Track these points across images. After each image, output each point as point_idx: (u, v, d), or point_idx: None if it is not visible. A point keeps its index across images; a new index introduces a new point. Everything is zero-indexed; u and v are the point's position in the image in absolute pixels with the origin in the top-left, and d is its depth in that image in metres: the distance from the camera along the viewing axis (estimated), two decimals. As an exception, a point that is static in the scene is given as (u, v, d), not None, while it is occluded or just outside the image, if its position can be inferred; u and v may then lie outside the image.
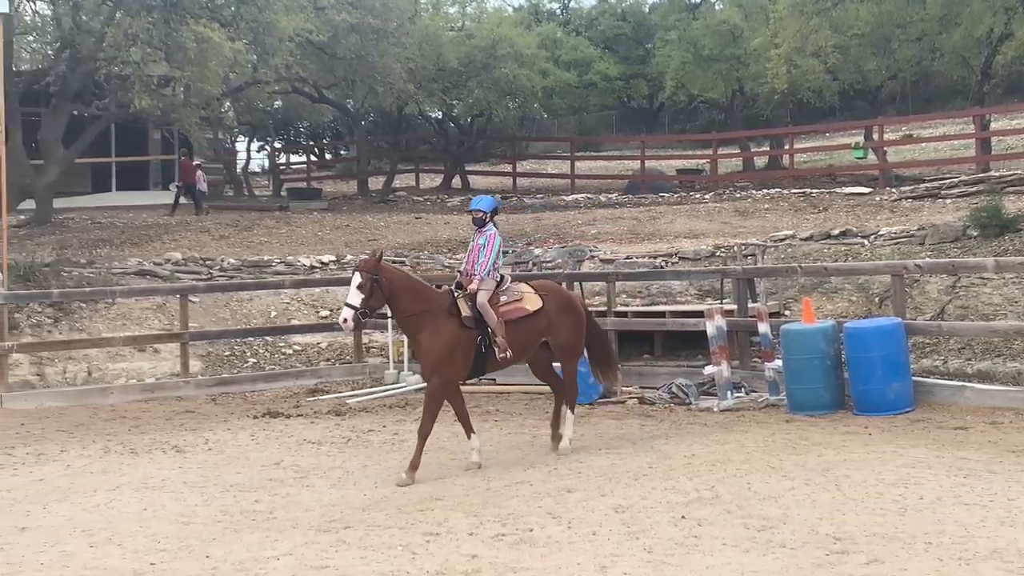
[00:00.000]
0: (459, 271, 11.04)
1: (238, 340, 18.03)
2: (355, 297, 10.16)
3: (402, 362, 16.38)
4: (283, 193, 37.50)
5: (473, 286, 10.54)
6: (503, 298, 10.70)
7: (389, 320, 16.47)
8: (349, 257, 22.63)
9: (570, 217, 26.63)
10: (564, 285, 17.14)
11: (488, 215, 11.03)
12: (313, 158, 48.41)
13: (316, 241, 25.35)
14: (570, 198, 31.80)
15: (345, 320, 10.23)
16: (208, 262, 22.17)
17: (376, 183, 37.19)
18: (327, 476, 10.59)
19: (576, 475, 10.14)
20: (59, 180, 23.95)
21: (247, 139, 44.92)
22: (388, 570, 7.37)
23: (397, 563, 7.52)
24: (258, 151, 46.59)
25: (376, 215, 29.48)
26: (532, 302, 10.84)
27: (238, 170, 42.55)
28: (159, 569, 7.56)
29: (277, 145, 45.66)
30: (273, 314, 19.36)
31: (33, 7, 24.82)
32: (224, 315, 18.98)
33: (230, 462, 11.38)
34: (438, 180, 38.72)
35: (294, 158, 48.28)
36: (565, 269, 18.66)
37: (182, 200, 30.66)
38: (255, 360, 17.74)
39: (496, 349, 10.47)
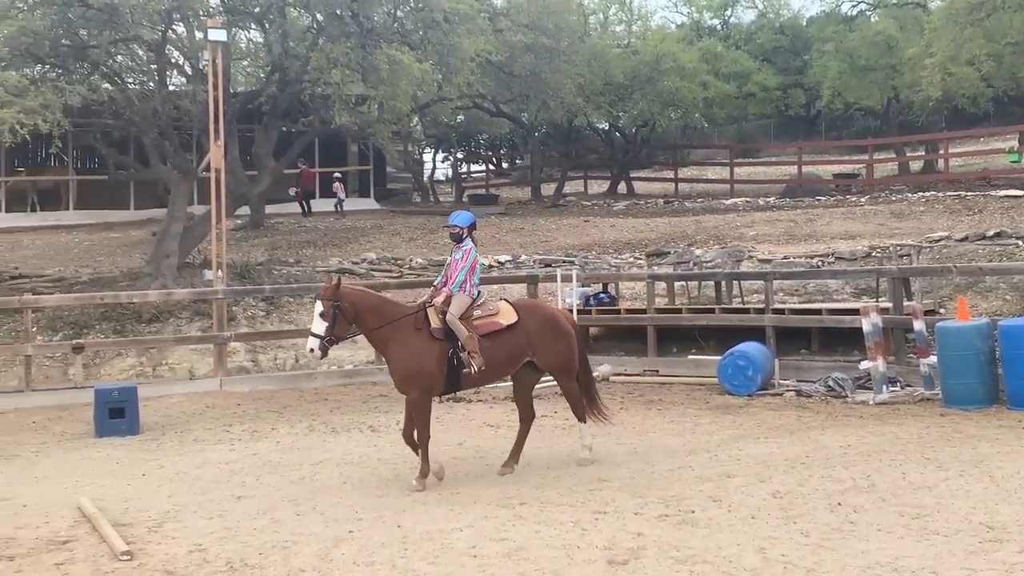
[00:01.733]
0: (435, 284, 10.17)
1: (425, 332, 18.35)
2: (319, 326, 9.46)
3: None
4: (464, 199, 38.00)
5: (439, 299, 9.74)
6: (477, 312, 9.82)
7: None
8: (523, 257, 22.83)
9: (729, 219, 26.22)
10: (723, 284, 17.05)
11: (465, 230, 10.11)
12: (491, 167, 49.00)
13: (494, 242, 25.59)
14: (729, 202, 31.31)
15: (312, 350, 9.56)
16: (399, 261, 22.69)
17: (548, 189, 37.34)
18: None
19: (736, 462, 10.01)
20: (270, 189, 24.85)
21: (433, 150, 45.77)
22: (560, 544, 7.43)
23: (568, 538, 7.58)
24: (442, 161, 47.41)
25: (548, 219, 29.60)
26: (507, 316, 9.87)
27: (425, 179, 43.43)
28: (356, 536, 7.79)
29: (459, 155, 46.29)
30: (456, 309, 19.66)
31: (247, 35, 25.80)
32: (412, 309, 19.36)
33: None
34: (605, 186, 38.65)
35: (474, 167, 48.88)
36: (724, 268, 18.38)
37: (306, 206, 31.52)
38: (440, 350, 18.05)
39: (469, 363, 9.53)
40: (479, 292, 10.04)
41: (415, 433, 9.66)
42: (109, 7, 17.98)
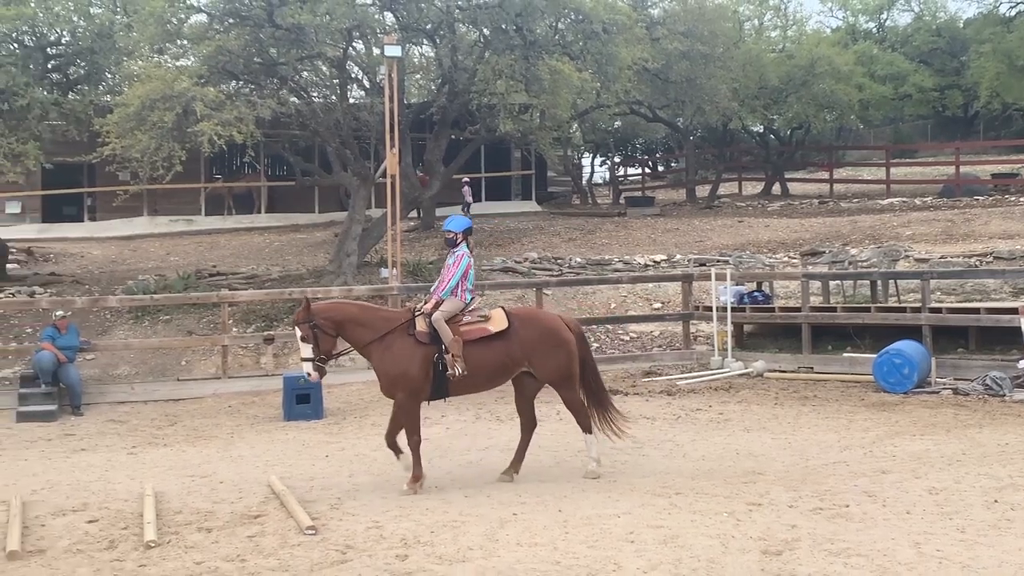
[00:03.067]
0: (432, 290, 9.71)
1: (583, 327, 18.29)
2: (305, 350, 9.10)
3: (726, 349, 16.15)
4: (621, 201, 37.85)
5: (428, 306, 9.28)
6: (466, 318, 9.29)
7: (714, 311, 16.44)
8: (679, 256, 22.58)
9: (885, 219, 25.33)
10: (879, 284, 16.48)
11: (460, 235, 9.61)
12: (647, 170, 48.65)
13: (649, 243, 25.42)
14: (885, 202, 30.23)
15: (309, 375, 9.24)
16: (559, 260, 22.76)
17: (703, 191, 36.85)
18: (660, 448, 10.64)
19: (891, 458, 9.69)
20: (440, 193, 25.30)
21: (591, 155, 45.72)
22: (715, 533, 7.34)
23: (723, 527, 7.48)
24: (600, 165, 47.32)
25: (702, 219, 29.20)
26: (497, 323, 9.27)
27: (583, 182, 43.49)
28: (520, 518, 7.86)
29: (616, 159, 46.10)
30: (613, 305, 19.61)
31: (420, 51, 26.31)
32: (572, 306, 19.41)
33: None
34: (759, 187, 37.85)
35: (631, 170, 48.60)
36: (880, 268, 17.77)
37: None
38: (597, 345, 18.01)
39: (452, 366, 9.01)
40: (472, 297, 9.48)
41: (398, 435, 9.22)
42: (296, 27, 18.56)
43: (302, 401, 13.31)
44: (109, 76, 22.06)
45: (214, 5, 19.69)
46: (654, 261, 22.34)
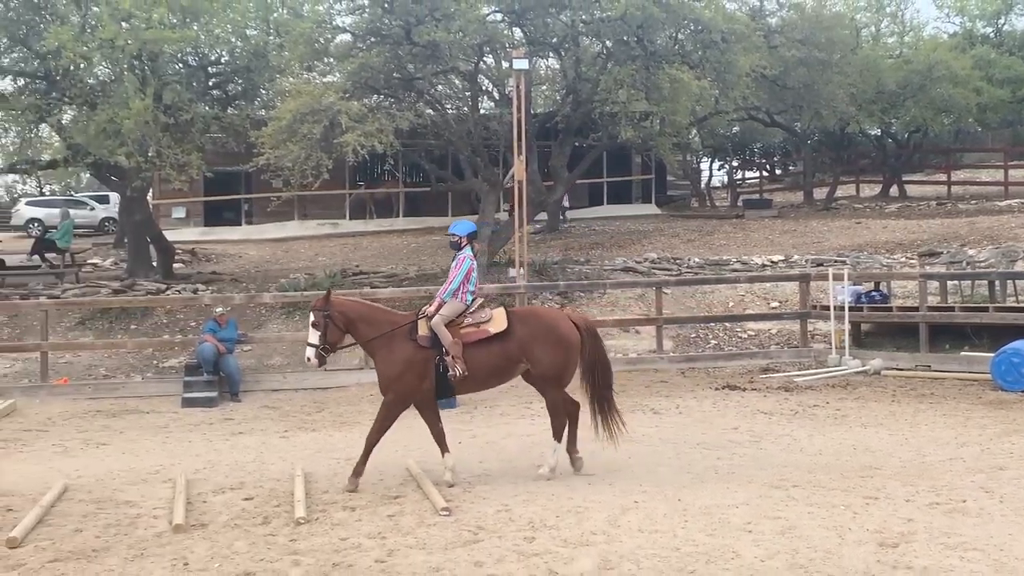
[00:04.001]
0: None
1: (702, 325, 18.06)
2: (313, 336, 9.00)
3: (844, 348, 15.71)
4: (739, 203, 37.23)
5: (431, 309, 9.05)
6: (467, 320, 8.99)
7: (832, 310, 16.00)
8: (796, 257, 22.08)
9: (1003, 220, 24.25)
10: (997, 283, 15.79)
11: (463, 239, 9.36)
12: (765, 173, 47.70)
13: (767, 243, 24.93)
14: (1003, 203, 28.92)
15: (309, 359, 9.10)
16: (677, 261, 22.51)
17: (820, 193, 35.90)
18: (777, 442, 10.43)
19: (1008, 455, 9.30)
20: (565, 197, 25.31)
21: (709, 159, 45.06)
22: (832, 525, 7.17)
23: (840, 520, 7.29)
24: (718, 169, 46.62)
25: (820, 221, 28.48)
26: (497, 325, 8.94)
27: (702, 185, 42.90)
28: (640, 506, 7.82)
29: (734, 163, 45.34)
30: (730, 304, 19.30)
31: (546, 63, 26.38)
32: (691, 304, 19.19)
33: (696, 424, 11.51)
34: (877, 189, 36.71)
35: (748, 174, 47.74)
36: (998, 268, 17.02)
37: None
38: (716, 342, 17.77)
39: (452, 367, 8.78)
40: (473, 299, 9.17)
41: (431, 434, 9.10)
42: (431, 44, 18.82)
43: (437, 391, 13.46)
44: (263, 92, 22.80)
45: (357, 25, 20.12)
46: (771, 261, 21.89)
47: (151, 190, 27.10)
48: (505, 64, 20.61)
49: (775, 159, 48.48)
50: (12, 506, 8.29)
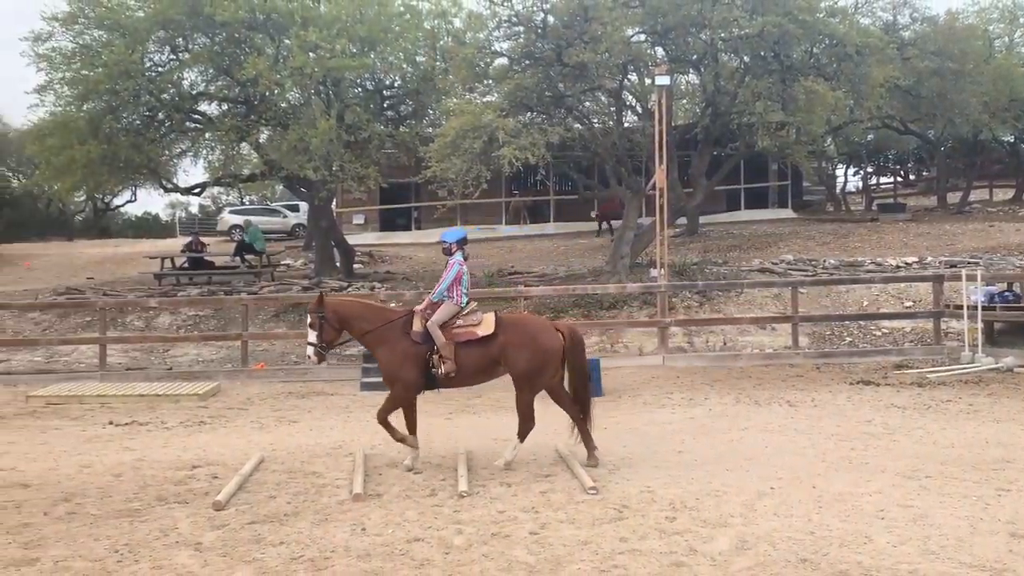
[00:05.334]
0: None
1: (836, 323, 17.48)
2: (311, 335, 8.93)
3: (977, 345, 14.87)
4: (873, 207, 35.71)
5: (420, 307, 8.97)
6: (459, 321, 8.84)
7: (965, 309, 15.17)
8: (929, 259, 21.08)
9: None
10: None
11: (453, 245, 9.15)
12: (899, 179, 45.58)
13: (900, 245, 23.85)
14: None
15: (308, 357, 9.03)
16: (813, 262, 21.82)
17: (953, 198, 34.07)
18: (910, 435, 9.97)
19: None
20: (703, 202, 24.90)
21: (844, 166, 43.43)
22: (964, 515, 6.81)
23: (971, 510, 6.92)
24: (853, 174, 44.90)
25: (953, 224, 27.03)
26: (485, 328, 8.76)
27: (837, 190, 41.35)
28: (776, 492, 7.61)
29: (869, 169, 43.49)
30: (865, 303, 18.56)
31: (686, 79, 26.02)
32: (825, 303, 18.56)
33: (831, 416, 11.13)
34: (1010, 194, 34.57)
35: (883, 179, 45.75)
36: None
37: (604, 226, 30.91)
38: (850, 339, 17.14)
39: (439, 365, 8.67)
40: (467, 301, 9.01)
41: (406, 422, 8.96)
42: (580, 65, 18.84)
43: (584, 381, 13.46)
44: (431, 112, 23.34)
45: (514, 50, 20.33)
46: (905, 263, 20.94)
47: (335, 199, 28.12)
48: (648, 81, 20.42)
49: (909, 165, 46.27)
50: (217, 474, 8.76)
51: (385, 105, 23.45)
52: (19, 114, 72.56)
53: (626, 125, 22.42)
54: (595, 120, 22.37)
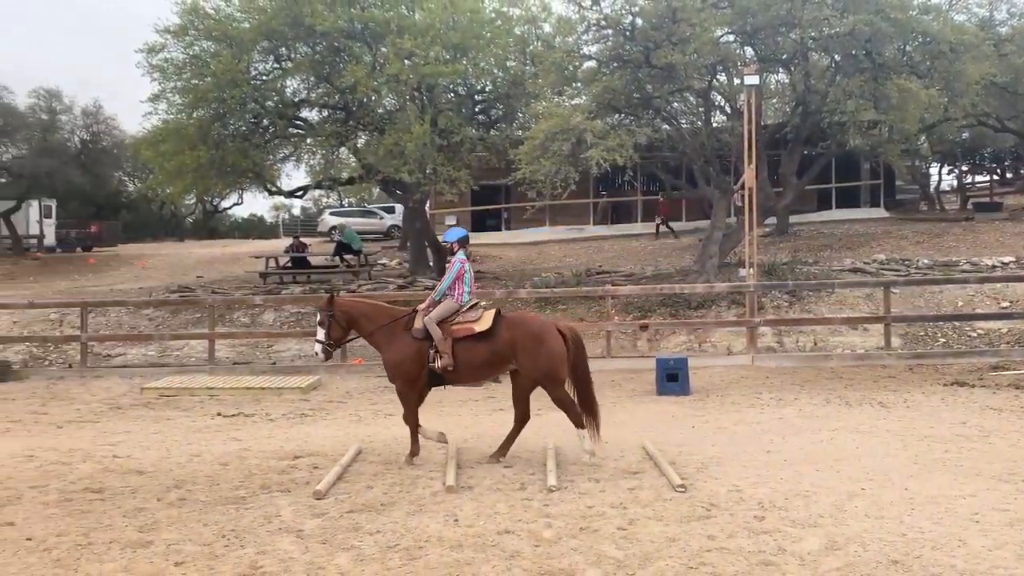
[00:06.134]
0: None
1: (929, 324, 16.89)
2: (320, 333, 9.10)
3: (1079, 347, 14.19)
4: (968, 207, 34.35)
5: (422, 306, 9.00)
6: (458, 318, 8.86)
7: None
8: (1028, 258, 20.17)
9: None
10: None
11: (455, 245, 9.24)
12: (995, 177, 43.73)
13: (997, 245, 22.90)
14: None
15: (316, 353, 9.22)
16: (906, 262, 21.15)
17: (1054, 196, 32.58)
18: (1007, 437, 9.56)
19: None
20: (793, 202, 24.35)
21: (938, 164, 41.91)
22: (1066, 521, 6.50)
23: (1074, 516, 6.60)
24: (947, 173, 43.29)
25: (1054, 222, 25.85)
26: (482, 324, 8.77)
27: (931, 189, 39.92)
28: (867, 493, 7.41)
29: (964, 168, 41.85)
30: (959, 304, 17.89)
31: (775, 78, 25.44)
32: (919, 303, 17.95)
33: (924, 418, 10.76)
34: (1115, 191, 32.88)
35: (978, 178, 43.96)
36: None
37: (663, 229, 30.68)
38: (944, 340, 16.54)
39: (436, 359, 8.72)
40: (469, 299, 9.02)
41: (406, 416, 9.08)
42: (668, 66, 18.64)
43: (672, 379, 13.34)
44: (520, 115, 23.40)
45: (602, 53, 20.24)
46: (1002, 263, 20.11)
47: (428, 201, 28.47)
48: (737, 81, 20.09)
49: (1006, 163, 44.35)
50: (317, 464, 8.98)
51: (476, 109, 23.62)
52: (134, 122, 75.52)
53: (715, 125, 22.07)
54: (683, 120, 22.10)
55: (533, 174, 18.74)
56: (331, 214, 41.71)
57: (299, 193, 27.47)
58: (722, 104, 22.19)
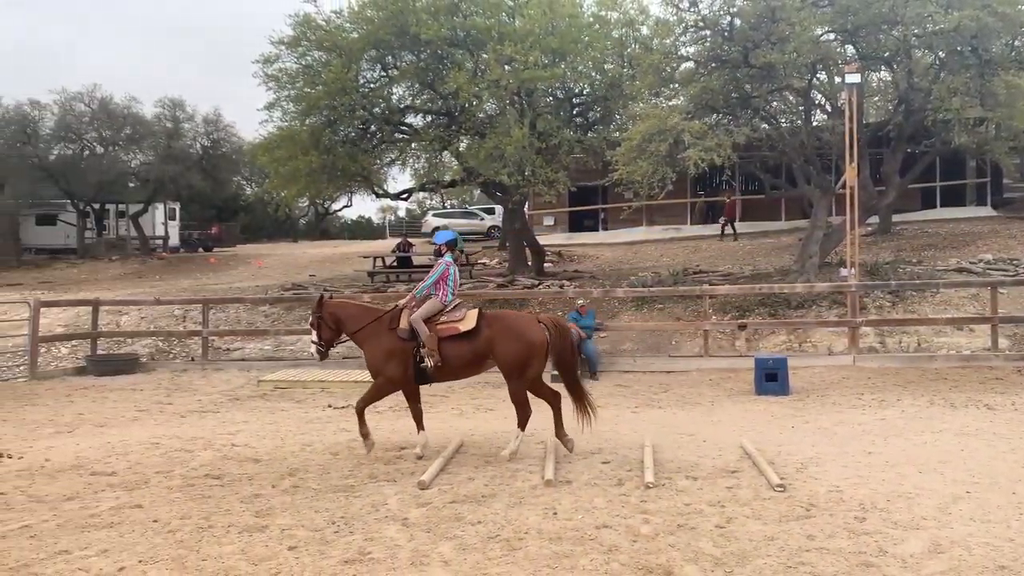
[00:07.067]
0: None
1: (1040, 324, 16.06)
2: (313, 335, 9.31)
3: None
4: (1084, 203, 32.48)
5: (403, 302, 9.12)
6: (443, 318, 8.92)
7: None
8: None
9: None
10: None
11: (443, 247, 9.36)
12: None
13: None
14: None
15: (312, 354, 9.42)
16: (1014, 261, 20.18)
17: None
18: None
19: None
20: (896, 201, 23.47)
21: (1050, 161, 39.68)
22: None
23: None
24: (1060, 171, 40.90)
25: None
26: (467, 323, 8.82)
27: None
28: (972, 496, 7.11)
29: (1078, 164, 39.58)
30: (1074, 304, 16.94)
31: (877, 76, 24.57)
32: (1029, 304, 17.09)
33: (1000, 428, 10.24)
34: None
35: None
36: None
37: (728, 230, 30.00)
38: (1056, 341, 15.69)
39: (425, 358, 8.80)
40: (452, 299, 9.10)
41: (411, 413, 9.31)
42: (767, 66, 18.23)
43: (770, 379, 13.05)
44: (617, 117, 23.26)
45: (700, 54, 19.94)
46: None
47: (527, 203, 28.58)
48: (837, 79, 19.49)
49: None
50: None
51: (574, 112, 23.59)
52: (250, 129, 78.27)
53: (815, 124, 21.46)
54: (782, 119, 21.56)
55: (630, 175, 18.61)
56: (434, 215, 42.30)
57: (404, 195, 27.94)
58: (822, 103, 21.57)
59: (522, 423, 8.99)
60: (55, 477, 8.51)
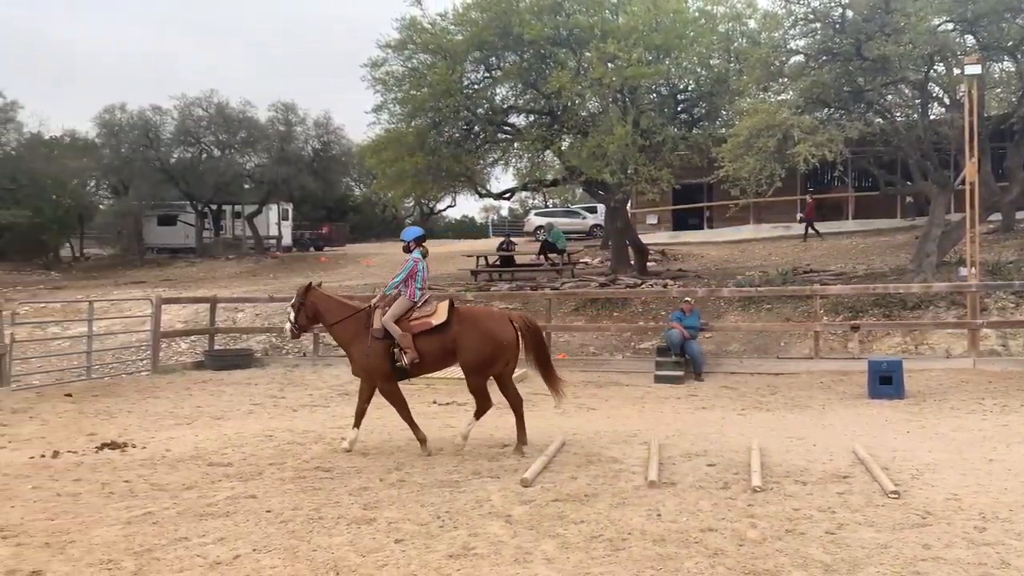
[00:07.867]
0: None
1: None
2: (291, 314, 9.62)
3: None
4: None
5: (374, 301, 9.33)
6: (415, 313, 9.10)
7: None
8: None
9: None
10: None
11: (411, 244, 9.42)
12: None
13: None
14: None
15: (283, 331, 9.61)
16: None
17: None
18: None
19: None
20: (1020, 198, 22.28)
21: None
22: None
23: None
24: None
25: None
26: (438, 317, 9.01)
27: None
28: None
29: None
30: None
31: (1000, 67, 23.39)
32: None
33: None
34: None
35: None
36: None
37: (811, 231, 29.10)
38: None
39: (400, 357, 9.00)
40: (421, 295, 9.23)
41: (359, 404, 9.50)
42: (881, 58, 17.61)
43: (885, 382, 12.60)
44: (723, 113, 22.86)
45: (810, 47, 19.42)
46: None
47: (629, 201, 28.38)
48: (956, 71, 18.64)
49: None
50: (525, 453, 9.16)
51: (679, 109, 23.28)
52: (359, 132, 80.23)
53: (932, 117, 20.61)
54: (897, 113, 20.77)
55: (737, 171, 18.28)
56: (536, 215, 42.42)
57: (507, 195, 28.14)
58: (940, 95, 20.68)
59: (478, 415, 9.30)
60: (175, 467, 8.91)
